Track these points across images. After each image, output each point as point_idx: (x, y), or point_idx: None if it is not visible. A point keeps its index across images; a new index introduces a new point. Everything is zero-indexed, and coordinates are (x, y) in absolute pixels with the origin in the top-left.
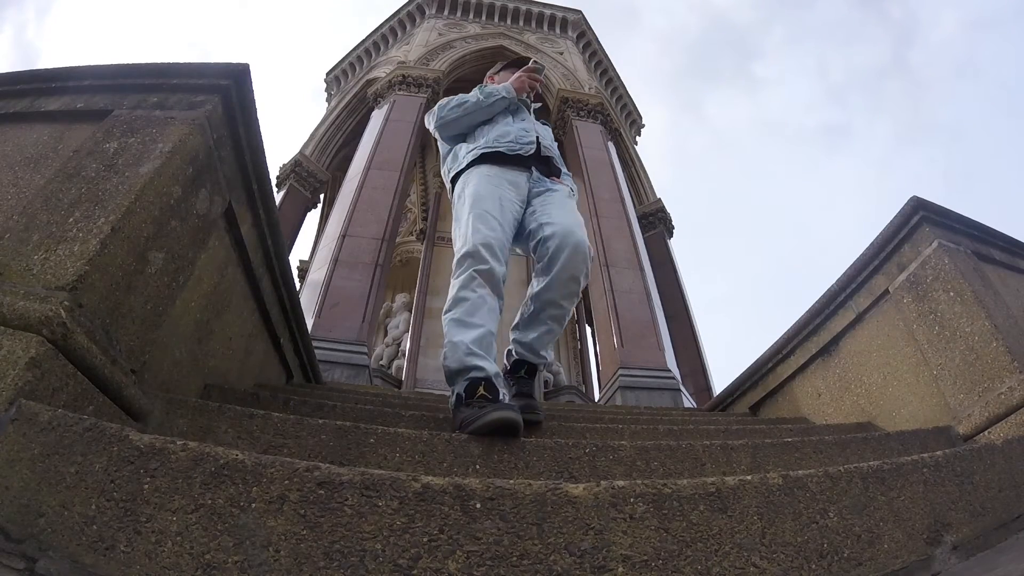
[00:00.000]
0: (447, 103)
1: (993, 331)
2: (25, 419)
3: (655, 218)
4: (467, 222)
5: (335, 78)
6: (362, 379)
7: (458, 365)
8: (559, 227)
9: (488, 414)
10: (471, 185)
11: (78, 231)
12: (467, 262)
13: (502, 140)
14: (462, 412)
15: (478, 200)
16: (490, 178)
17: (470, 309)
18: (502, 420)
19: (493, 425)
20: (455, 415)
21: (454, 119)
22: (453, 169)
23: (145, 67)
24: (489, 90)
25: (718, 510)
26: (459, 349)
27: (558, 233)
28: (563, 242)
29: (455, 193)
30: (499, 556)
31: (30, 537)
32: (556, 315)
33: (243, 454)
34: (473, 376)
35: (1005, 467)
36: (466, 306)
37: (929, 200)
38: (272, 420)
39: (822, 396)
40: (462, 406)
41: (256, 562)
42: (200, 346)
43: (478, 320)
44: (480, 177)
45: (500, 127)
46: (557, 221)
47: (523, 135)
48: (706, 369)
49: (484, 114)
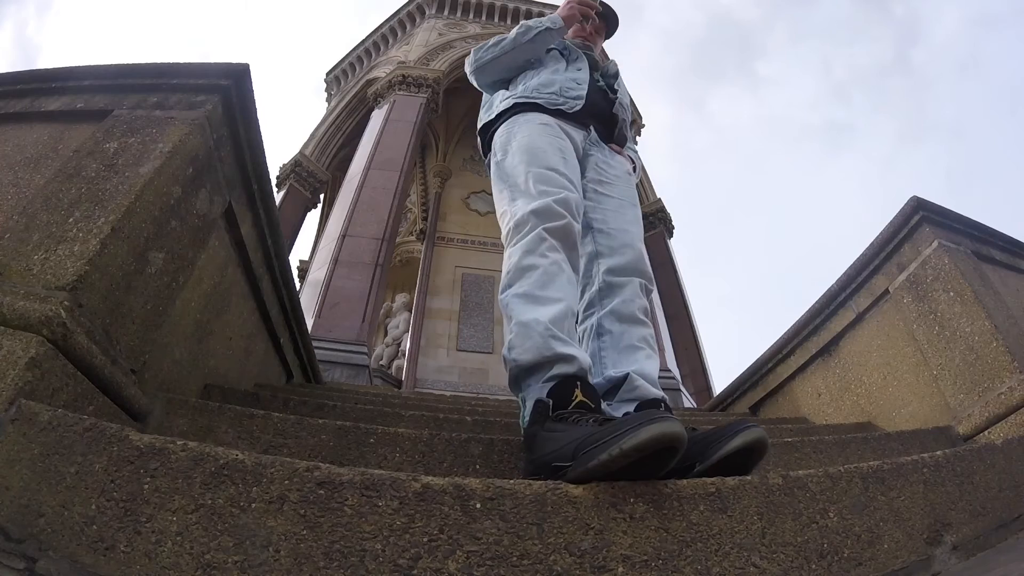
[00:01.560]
0: (484, 44)
1: (993, 331)
2: (25, 419)
3: (655, 218)
4: (525, 182)
5: (335, 78)
6: (362, 379)
7: (535, 356)
8: (619, 245)
9: (640, 428)
10: (520, 137)
11: (78, 231)
12: (531, 221)
13: (543, 90)
14: (559, 432)
15: (535, 155)
16: (547, 128)
17: (543, 280)
18: (666, 435)
19: (655, 443)
20: (538, 439)
21: (490, 60)
22: (483, 119)
23: (145, 67)
24: (530, 23)
25: (718, 510)
26: (533, 331)
27: (617, 256)
28: (622, 272)
29: (493, 148)
30: (499, 556)
31: (30, 537)
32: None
33: (243, 454)
34: (562, 373)
35: (1005, 467)
36: (536, 275)
37: (929, 200)
38: (272, 420)
39: (822, 396)
40: (552, 421)
41: (256, 562)
42: (200, 346)
43: (555, 293)
44: (532, 127)
45: (545, 74)
46: (615, 231)
47: (571, 87)
48: (706, 369)
49: (525, 52)
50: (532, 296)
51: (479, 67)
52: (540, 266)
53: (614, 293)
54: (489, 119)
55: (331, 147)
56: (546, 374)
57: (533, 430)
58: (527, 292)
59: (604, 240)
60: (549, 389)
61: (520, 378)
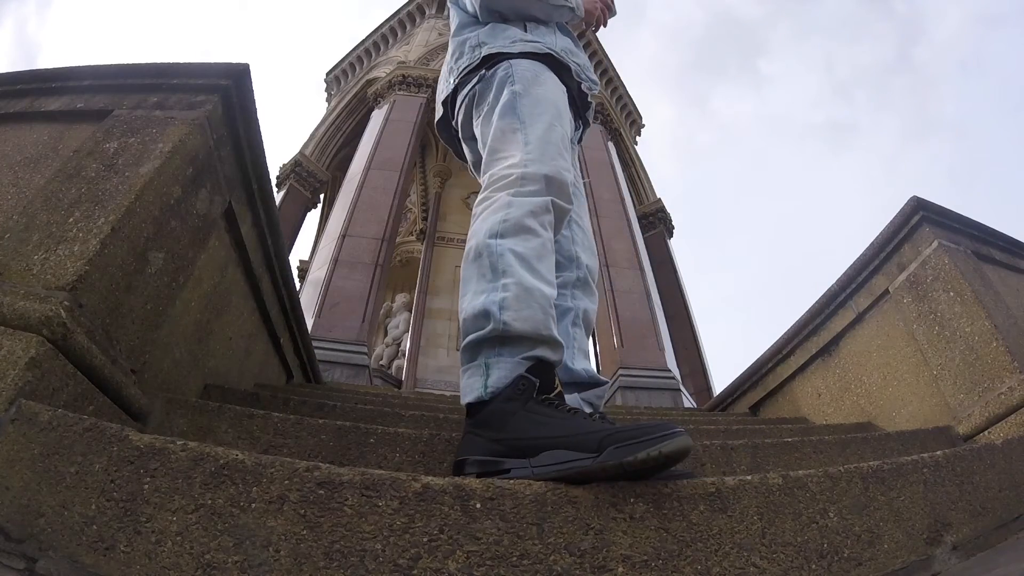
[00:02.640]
0: None
1: (993, 331)
2: (25, 419)
3: (655, 218)
4: (544, 137)
5: (335, 78)
6: (362, 379)
7: (531, 329)
8: (590, 245)
9: (675, 436)
10: (549, 88)
11: (78, 231)
12: (541, 183)
13: (570, 57)
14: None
15: (560, 118)
16: (564, 94)
17: (540, 253)
18: (689, 447)
19: (682, 453)
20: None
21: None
22: (493, 46)
23: (145, 67)
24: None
25: (718, 510)
26: (536, 303)
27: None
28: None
29: (499, 78)
30: (499, 556)
31: (30, 537)
32: None
33: (243, 454)
34: (546, 357)
35: (1005, 467)
36: (535, 245)
37: (929, 200)
38: (272, 420)
39: (822, 396)
40: (538, 404)
41: (256, 562)
42: (200, 346)
43: (549, 274)
44: (559, 89)
45: (566, 42)
46: (587, 229)
47: (589, 68)
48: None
49: (541, 9)
50: (531, 265)
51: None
52: (541, 237)
53: (587, 293)
54: (503, 46)
55: (331, 147)
56: (528, 352)
57: (509, 407)
58: (526, 257)
59: (580, 234)
60: (529, 368)
61: (495, 343)
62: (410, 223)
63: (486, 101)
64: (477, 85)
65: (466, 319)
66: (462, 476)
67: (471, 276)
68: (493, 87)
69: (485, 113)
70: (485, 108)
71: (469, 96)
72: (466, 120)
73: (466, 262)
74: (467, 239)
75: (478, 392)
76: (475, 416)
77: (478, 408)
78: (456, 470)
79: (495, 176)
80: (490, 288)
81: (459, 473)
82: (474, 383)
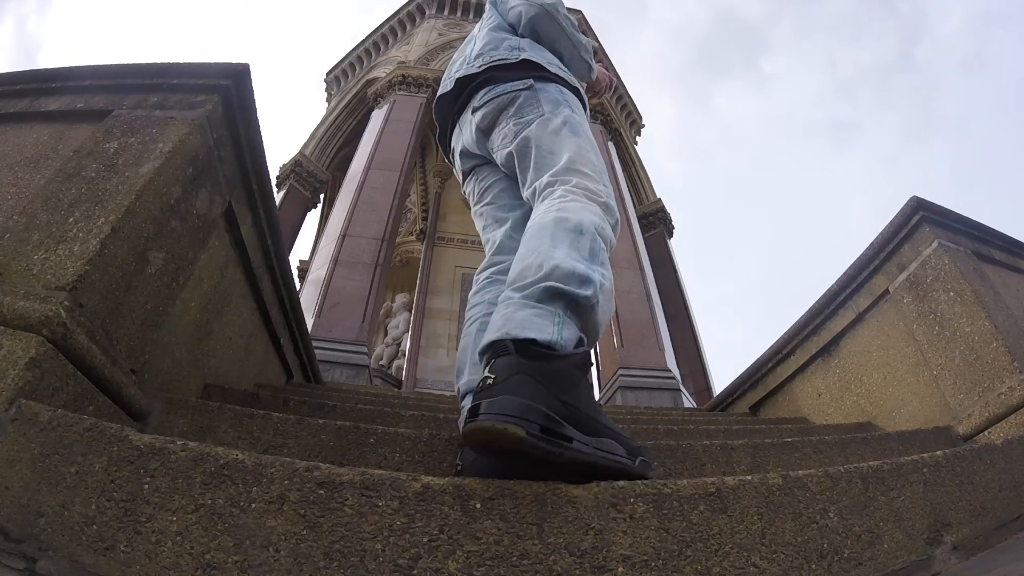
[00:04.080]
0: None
1: (993, 331)
2: (25, 419)
3: (655, 218)
4: (598, 163)
5: (335, 78)
6: (362, 379)
7: (599, 324)
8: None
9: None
10: (585, 124)
11: (78, 231)
12: (616, 223)
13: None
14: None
15: (596, 151)
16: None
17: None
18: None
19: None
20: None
21: (560, 23)
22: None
23: (145, 67)
24: (590, 49)
25: (718, 510)
26: (608, 309)
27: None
28: None
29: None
30: (499, 556)
31: (30, 537)
32: None
33: (243, 454)
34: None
35: (1005, 467)
36: (603, 255)
37: (929, 200)
38: (272, 420)
39: (822, 396)
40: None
41: (256, 562)
42: (200, 346)
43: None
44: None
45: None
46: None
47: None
48: (706, 369)
49: (570, 51)
50: (604, 264)
51: (554, 10)
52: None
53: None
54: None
55: (331, 147)
56: (585, 337)
57: (575, 374)
58: (600, 255)
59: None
60: (588, 353)
61: (574, 308)
62: (410, 223)
63: (536, 109)
64: (524, 91)
65: (559, 267)
66: (510, 419)
67: (562, 239)
68: (549, 99)
69: (539, 119)
70: (537, 115)
71: (508, 97)
72: (493, 110)
73: (556, 226)
74: (547, 212)
75: (551, 335)
76: (536, 360)
77: (543, 355)
78: (502, 407)
79: (587, 187)
80: (588, 265)
81: (510, 414)
82: (543, 323)
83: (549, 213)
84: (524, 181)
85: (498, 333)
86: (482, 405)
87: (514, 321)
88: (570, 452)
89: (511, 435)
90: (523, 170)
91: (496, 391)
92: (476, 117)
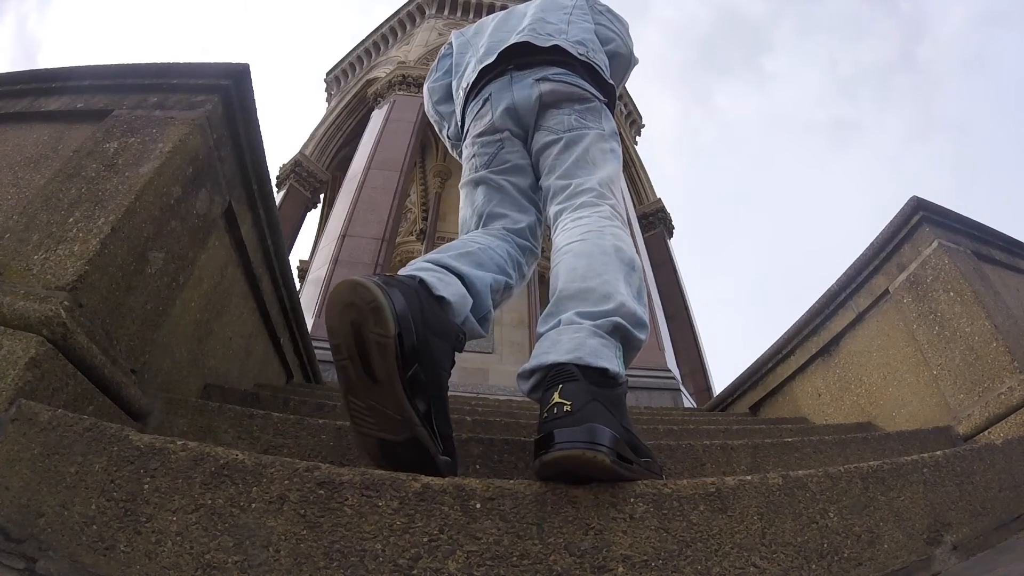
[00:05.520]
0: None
1: (993, 331)
2: (25, 419)
3: (655, 218)
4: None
5: (335, 78)
6: None
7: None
8: None
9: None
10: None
11: (78, 231)
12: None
13: None
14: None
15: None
16: None
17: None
18: None
19: None
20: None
21: (628, 75)
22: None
23: (145, 67)
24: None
25: (718, 510)
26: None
27: None
28: None
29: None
30: (499, 556)
31: (30, 537)
32: None
33: (243, 454)
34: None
35: (1005, 467)
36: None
37: (929, 200)
38: (272, 420)
39: (822, 396)
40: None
41: (256, 562)
42: (200, 346)
43: None
44: None
45: None
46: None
47: None
48: (706, 369)
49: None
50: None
51: (633, 65)
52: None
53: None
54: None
55: (331, 147)
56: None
57: (624, 400)
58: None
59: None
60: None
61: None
62: (410, 223)
63: (599, 124)
64: (596, 102)
65: (624, 305)
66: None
67: (620, 271)
68: (610, 125)
69: (598, 132)
70: (598, 128)
71: (581, 95)
72: (564, 95)
73: (617, 256)
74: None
75: (615, 366)
76: (604, 388)
77: (609, 383)
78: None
79: (620, 215)
80: (643, 309)
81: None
82: (608, 354)
83: (605, 235)
84: (554, 167)
85: (569, 356)
86: (564, 432)
87: (586, 348)
88: (632, 473)
89: (599, 463)
90: (560, 157)
91: (578, 419)
92: (544, 86)
